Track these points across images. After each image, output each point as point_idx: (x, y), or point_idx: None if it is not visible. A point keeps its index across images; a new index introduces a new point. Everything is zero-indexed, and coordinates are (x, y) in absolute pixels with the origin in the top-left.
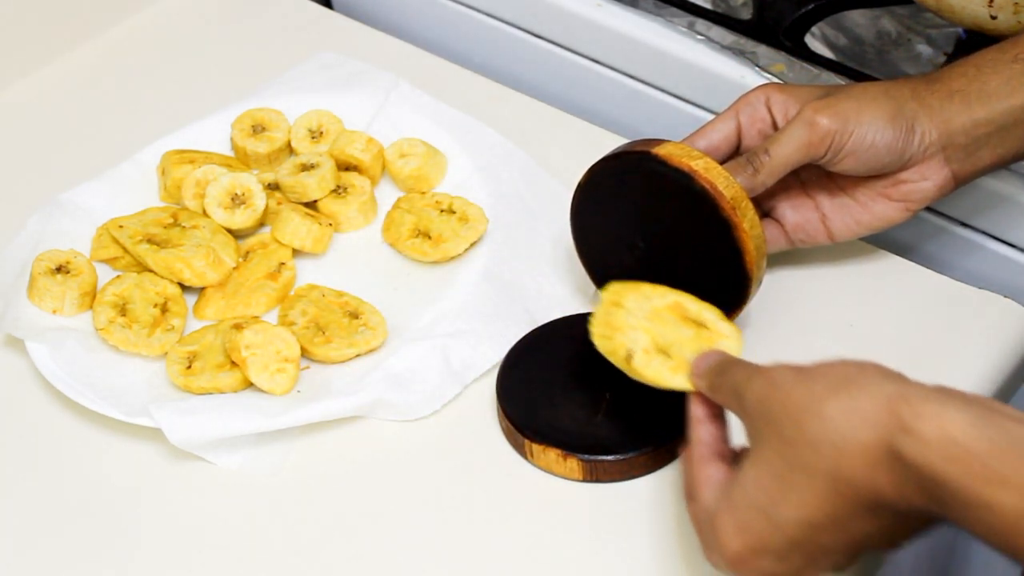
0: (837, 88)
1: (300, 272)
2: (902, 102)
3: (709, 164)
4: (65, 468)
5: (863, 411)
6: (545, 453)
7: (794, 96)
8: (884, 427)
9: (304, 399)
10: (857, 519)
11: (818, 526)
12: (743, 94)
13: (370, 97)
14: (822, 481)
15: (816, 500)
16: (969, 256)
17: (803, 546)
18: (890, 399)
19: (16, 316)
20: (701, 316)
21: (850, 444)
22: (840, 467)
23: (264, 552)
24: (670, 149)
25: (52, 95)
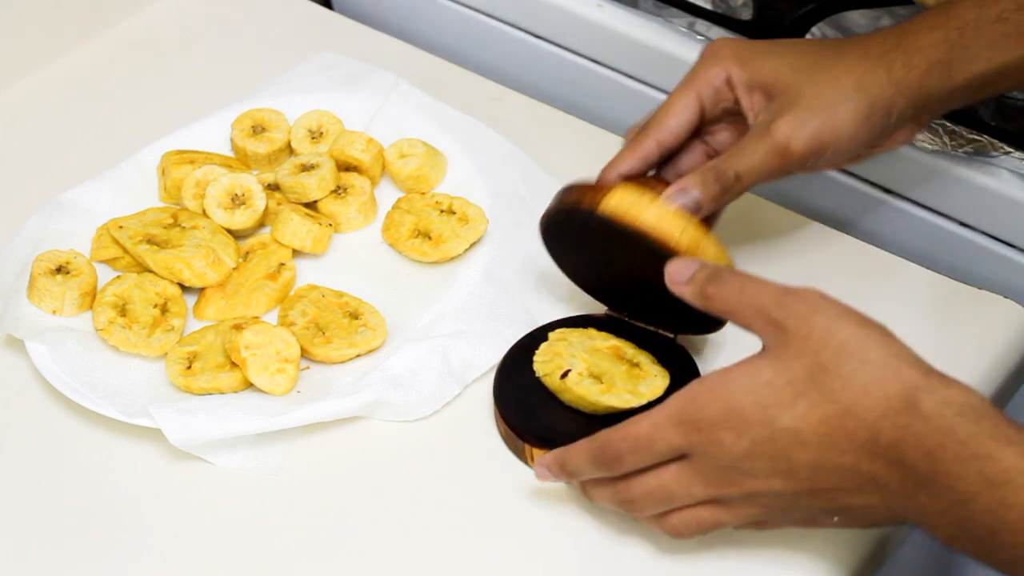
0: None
1: (300, 272)
2: (877, 92)
3: (660, 214)
4: (65, 468)
5: (900, 368)
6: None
7: (757, 76)
8: (913, 384)
9: (304, 399)
10: (839, 457)
11: (803, 442)
12: (698, 66)
13: (370, 97)
14: (834, 408)
15: (817, 419)
16: (969, 256)
17: (777, 453)
18: (927, 369)
19: (16, 316)
20: (636, 358)
21: (876, 389)
22: (858, 403)
23: (264, 552)
24: (617, 201)
25: (52, 95)
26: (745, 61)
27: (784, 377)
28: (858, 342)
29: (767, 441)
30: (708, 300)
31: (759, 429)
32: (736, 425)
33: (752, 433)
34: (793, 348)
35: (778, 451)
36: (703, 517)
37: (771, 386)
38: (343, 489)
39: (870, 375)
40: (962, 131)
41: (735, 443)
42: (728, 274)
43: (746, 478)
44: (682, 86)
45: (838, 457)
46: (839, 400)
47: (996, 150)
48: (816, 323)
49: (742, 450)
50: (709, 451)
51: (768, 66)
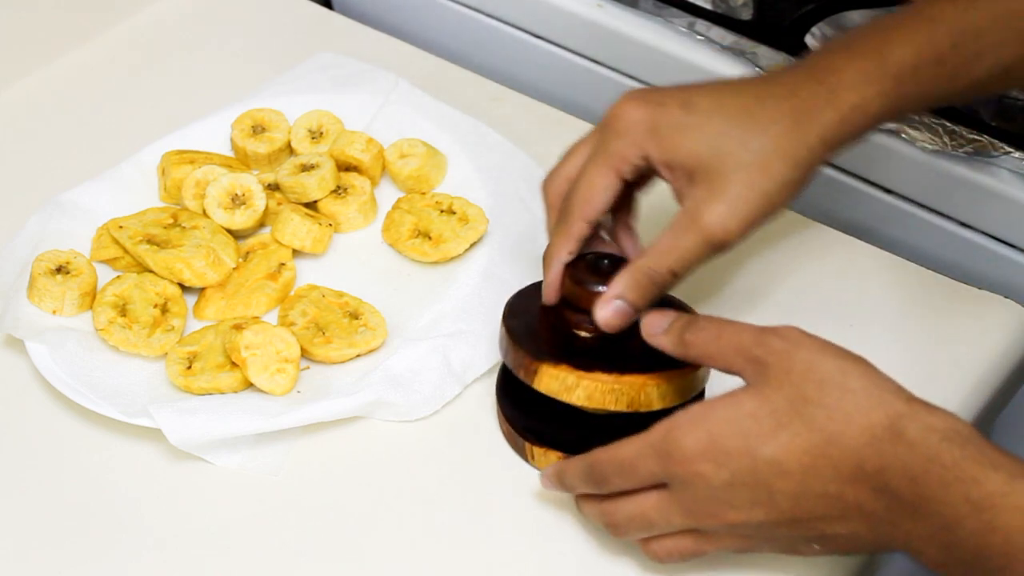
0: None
1: (300, 272)
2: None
3: (591, 391)
4: (65, 468)
5: (883, 397)
6: (546, 456)
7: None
8: (896, 412)
9: (304, 399)
10: (823, 486)
11: (786, 472)
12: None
13: (370, 97)
14: (818, 437)
15: (800, 450)
16: (969, 256)
17: (759, 484)
18: (909, 397)
19: (16, 316)
20: None
21: (860, 418)
22: (841, 432)
23: (264, 552)
24: (547, 383)
25: (52, 95)
26: (661, 137)
27: (766, 409)
28: (840, 373)
29: (748, 472)
30: (687, 347)
31: (740, 460)
32: (716, 457)
33: (733, 464)
34: (774, 381)
35: (759, 482)
36: (683, 546)
37: (753, 417)
38: (343, 489)
39: (854, 404)
40: (962, 131)
41: (715, 474)
42: (704, 320)
43: (726, 509)
44: (600, 163)
45: (822, 486)
46: (823, 429)
47: (996, 150)
48: (797, 357)
49: (722, 481)
50: (688, 482)
51: (686, 147)
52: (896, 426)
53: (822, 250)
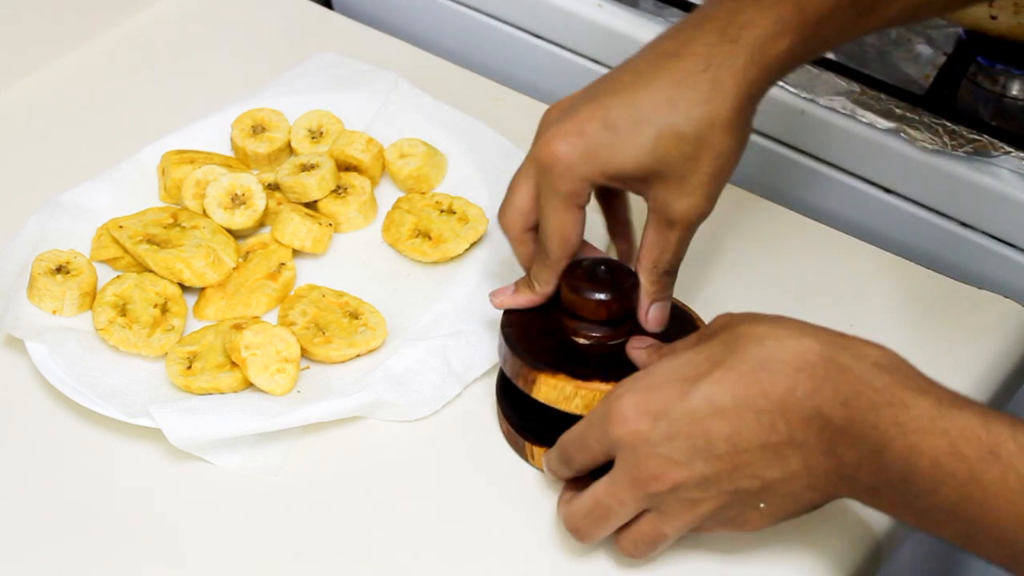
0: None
1: (300, 272)
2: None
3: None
4: (65, 468)
5: (816, 330)
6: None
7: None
8: (827, 340)
9: (304, 399)
10: (756, 419)
11: (720, 409)
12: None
13: (370, 97)
14: (748, 365)
15: (732, 382)
16: (969, 256)
17: (695, 431)
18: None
19: (16, 316)
20: None
21: (792, 345)
22: (773, 357)
23: (264, 552)
24: (545, 392)
25: (52, 95)
26: (598, 161)
27: (702, 355)
28: (776, 316)
29: (684, 418)
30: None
31: (675, 406)
32: (652, 409)
33: (669, 414)
34: (712, 336)
35: (695, 427)
36: (643, 531)
37: (689, 362)
38: (343, 489)
39: (786, 333)
40: (962, 131)
41: (652, 429)
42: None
43: (668, 467)
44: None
45: (755, 418)
46: (754, 356)
47: (996, 150)
48: (735, 316)
49: (660, 434)
50: (629, 444)
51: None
52: (828, 352)
53: (822, 250)
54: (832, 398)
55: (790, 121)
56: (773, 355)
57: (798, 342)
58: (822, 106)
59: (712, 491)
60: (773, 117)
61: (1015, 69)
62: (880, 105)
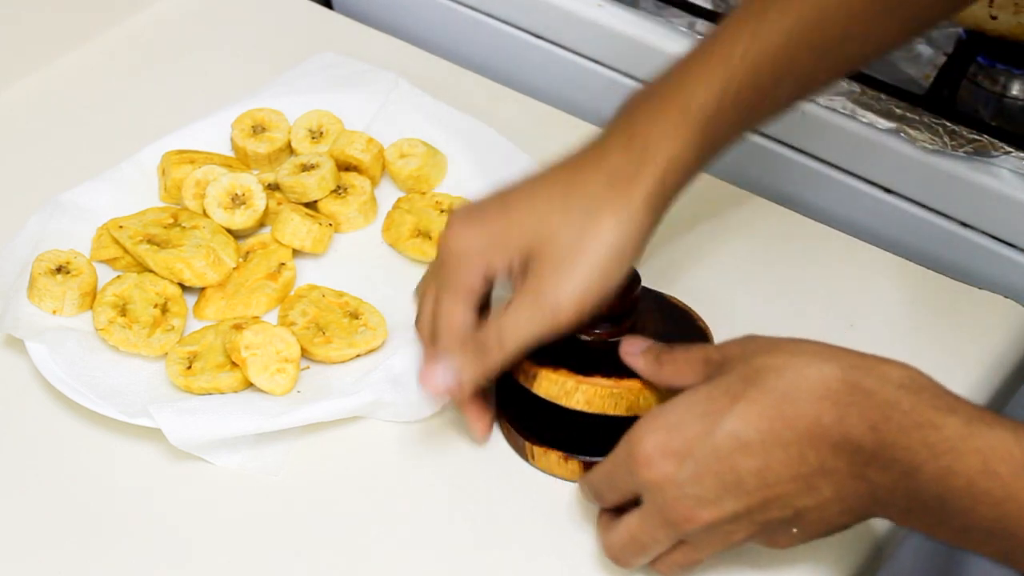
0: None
1: (300, 272)
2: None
3: (590, 395)
4: (65, 468)
5: (835, 353)
6: (546, 455)
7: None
8: (849, 364)
9: (304, 399)
10: (784, 451)
11: (746, 445)
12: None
13: (370, 97)
14: (771, 399)
15: (756, 415)
16: (969, 256)
17: (722, 468)
18: (862, 353)
19: (16, 316)
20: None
21: (814, 372)
22: (795, 387)
23: (264, 552)
24: (546, 387)
25: (52, 95)
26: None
27: (720, 388)
28: (790, 342)
29: (710, 456)
30: (660, 366)
31: (700, 445)
32: (677, 449)
33: (694, 453)
34: (727, 366)
35: (723, 464)
36: (678, 560)
37: (708, 398)
38: (343, 489)
39: (805, 361)
40: (962, 131)
41: (679, 471)
42: (678, 346)
43: (698, 507)
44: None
45: (783, 451)
46: (775, 389)
47: (996, 150)
48: (751, 345)
49: (687, 474)
50: (657, 486)
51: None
52: (850, 377)
53: (822, 250)
54: (860, 423)
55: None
56: (795, 385)
57: (818, 369)
58: (822, 106)
59: (744, 523)
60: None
61: (1015, 69)
62: (880, 105)
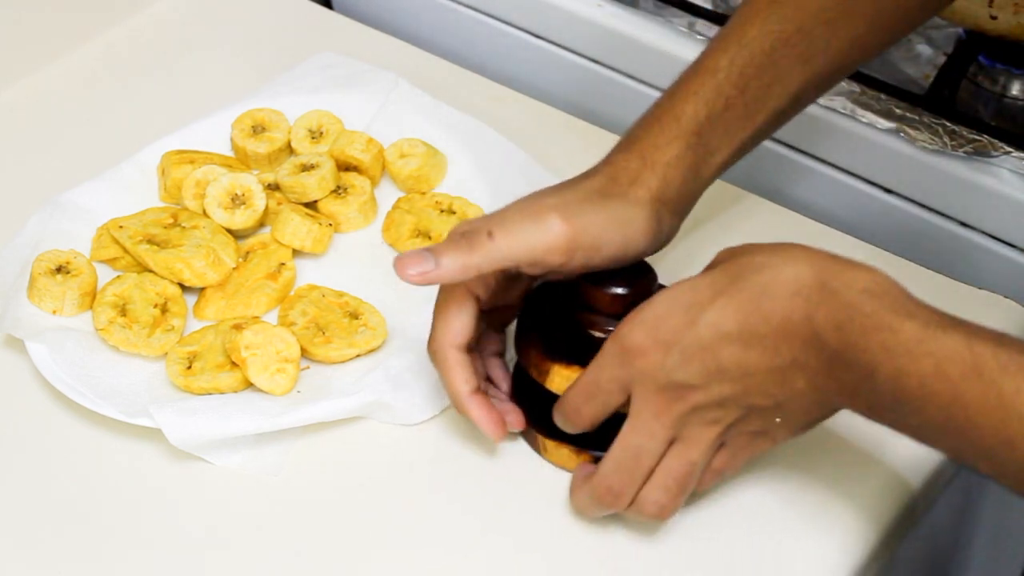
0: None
1: (300, 272)
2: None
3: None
4: (65, 468)
5: (811, 254)
6: (558, 449)
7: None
8: (823, 266)
9: (304, 399)
10: (759, 343)
11: (726, 335)
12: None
13: (370, 97)
14: (749, 292)
15: (734, 309)
16: (969, 256)
17: (706, 356)
18: (838, 256)
19: (16, 316)
20: None
21: (788, 270)
22: (772, 282)
23: (264, 552)
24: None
25: (52, 95)
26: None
27: (705, 281)
28: (775, 244)
29: (694, 345)
30: None
31: (684, 334)
32: (663, 338)
33: (680, 341)
34: (716, 266)
35: (706, 352)
36: (671, 467)
37: (693, 289)
38: (343, 489)
39: (783, 260)
40: (962, 131)
41: (666, 356)
42: None
43: (686, 390)
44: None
45: (759, 343)
46: (754, 284)
47: (996, 150)
48: (737, 248)
49: (674, 361)
50: (646, 374)
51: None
52: (821, 278)
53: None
54: (826, 323)
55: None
56: (771, 281)
57: (793, 268)
58: (822, 106)
59: (730, 408)
60: None
61: (1015, 69)
62: (880, 105)
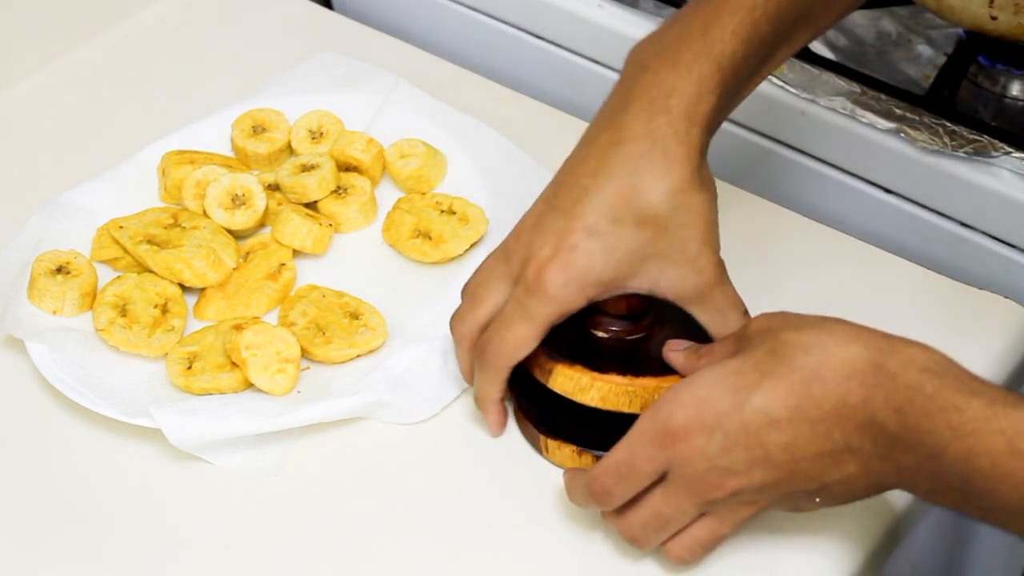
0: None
1: (300, 272)
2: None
3: (604, 392)
4: (65, 468)
5: (861, 334)
6: (560, 449)
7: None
8: (875, 345)
9: (304, 400)
10: (811, 428)
11: (775, 421)
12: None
13: (370, 97)
14: (799, 375)
15: (784, 392)
16: (969, 256)
17: (752, 442)
18: (887, 335)
19: (16, 316)
20: None
21: (839, 352)
22: (822, 365)
23: (264, 552)
24: (561, 383)
25: (52, 95)
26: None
27: (748, 363)
28: (818, 320)
29: (740, 430)
30: (698, 359)
31: (730, 419)
32: (707, 422)
33: (724, 426)
34: (754, 341)
35: (752, 439)
36: (699, 536)
37: (737, 373)
38: (343, 489)
39: (832, 340)
40: (962, 131)
41: (708, 442)
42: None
43: (727, 477)
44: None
45: (810, 428)
46: (803, 367)
47: (996, 150)
48: (776, 319)
49: (717, 447)
50: (686, 458)
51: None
52: (875, 359)
53: (822, 250)
54: (885, 405)
55: (790, 121)
56: (822, 364)
57: (844, 349)
58: (822, 106)
59: (771, 492)
60: (773, 117)
61: (1015, 69)
62: (880, 105)
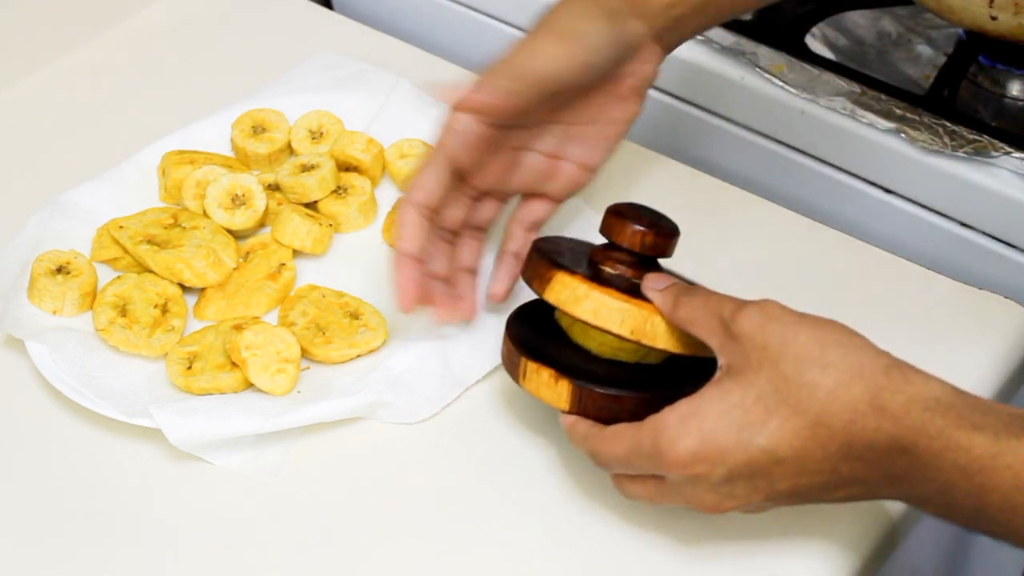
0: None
1: (300, 272)
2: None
3: (598, 305)
4: (65, 468)
5: (862, 367)
6: (538, 373)
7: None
8: (876, 385)
9: (304, 400)
10: (817, 465)
11: (780, 460)
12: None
13: (370, 97)
14: (804, 420)
15: (790, 436)
16: (969, 256)
17: (755, 475)
18: (887, 365)
19: (16, 316)
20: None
21: (841, 393)
22: (826, 411)
23: (264, 552)
24: (558, 291)
25: (52, 95)
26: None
27: (751, 396)
28: (817, 346)
29: (745, 465)
30: (676, 308)
31: (735, 455)
32: (710, 457)
33: (728, 462)
34: (754, 363)
35: (756, 472)
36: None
37: (741, 407)
38: (343, 489)
39: (834, 379)
40: (962, 131)
41: (712, 472)
42: (699, 288)
43: (727, 500)
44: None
45: (816, 465)
46: (807, 411)
47: (996, 150)
48: (771, 331)
49: (720, 477)
50: (688, 480)
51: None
52: (878, 400)
53: (822, 250)
54: (890, 448)
55: (790, 121)
56: (825, 409)
57: (847, 391)
58: (822, 106)
59: (768, 506)
60: (773, 117)
61: (1015, 69)
62: (880, 105)
